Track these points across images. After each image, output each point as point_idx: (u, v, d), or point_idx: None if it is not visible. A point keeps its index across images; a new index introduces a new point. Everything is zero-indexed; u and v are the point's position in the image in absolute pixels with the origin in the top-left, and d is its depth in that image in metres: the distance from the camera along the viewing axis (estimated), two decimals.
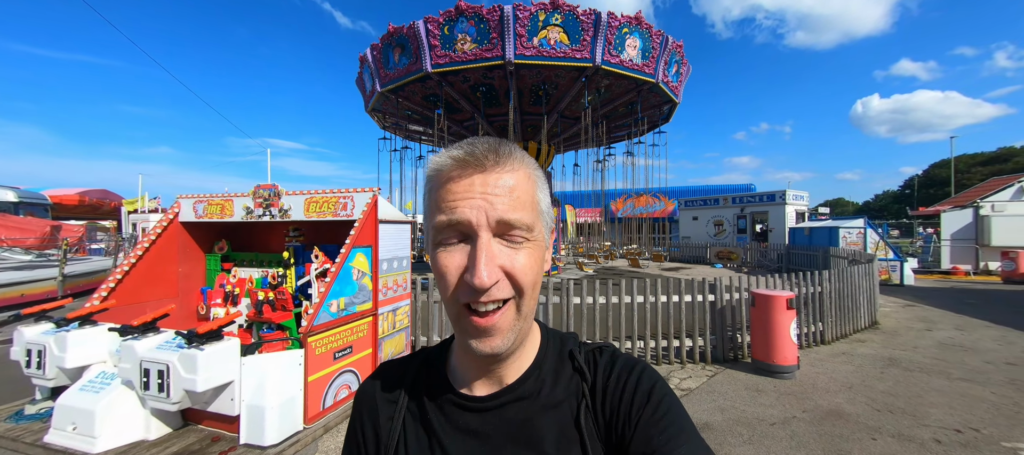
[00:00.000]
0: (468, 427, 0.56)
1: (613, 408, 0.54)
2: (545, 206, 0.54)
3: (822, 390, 4.16)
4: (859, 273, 6.52)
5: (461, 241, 0.49)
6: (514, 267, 0.48)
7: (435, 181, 0.51)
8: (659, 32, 10.26)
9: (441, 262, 0.50)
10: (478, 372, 0.57)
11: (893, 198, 66.02)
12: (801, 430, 3.37)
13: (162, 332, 3.14)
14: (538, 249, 0.52)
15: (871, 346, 5.67)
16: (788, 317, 4.52)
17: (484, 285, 0.46)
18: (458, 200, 0.48)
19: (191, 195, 4.87)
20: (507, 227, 0.48)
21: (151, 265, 4.51)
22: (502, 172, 0.49)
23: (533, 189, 0.52)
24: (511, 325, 0.50)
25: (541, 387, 0.57)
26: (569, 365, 0.59)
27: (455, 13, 9.28)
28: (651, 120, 13.89)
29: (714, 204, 19.86)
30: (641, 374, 0.55)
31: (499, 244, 0.48)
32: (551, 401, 0.56)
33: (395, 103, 11.91)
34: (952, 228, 14.46)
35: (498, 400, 0.56)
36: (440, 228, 0.49)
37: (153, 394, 2.81)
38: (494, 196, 0.48)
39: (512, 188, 0.49)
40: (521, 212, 0.49)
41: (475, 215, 0.47)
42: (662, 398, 0.53)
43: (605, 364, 0.58)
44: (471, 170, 0.49)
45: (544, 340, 0.61)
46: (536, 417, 0.55)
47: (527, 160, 0.53)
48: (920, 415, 3.59)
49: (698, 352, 5.08)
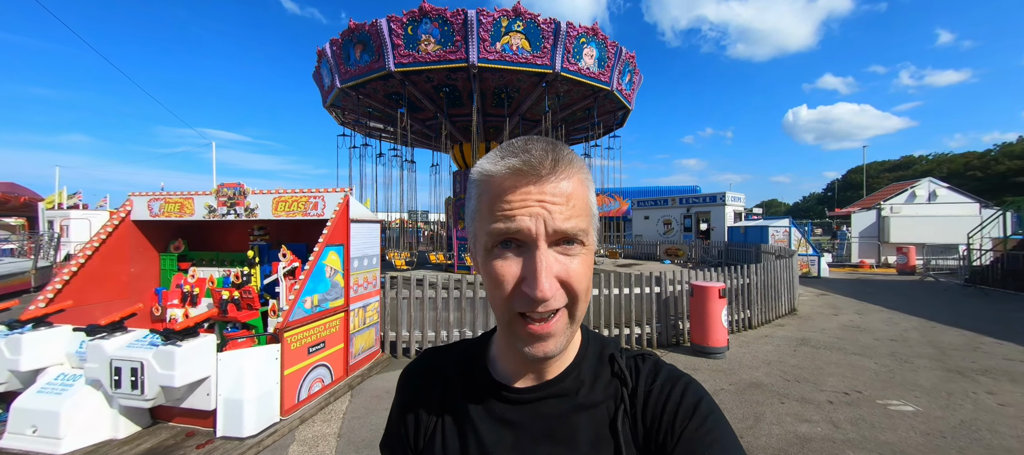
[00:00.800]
0: (504, 417, 0.57)
1: (655, 417, 0.54)
2: (595, 209, 0.54)
3: (746, 367, 4.85)
4: (781, 267, 7.48)
5: (517, 249, 0.49)
6: (569, 275, 0.49)
7: (486, 186, 0.51)
8: (614, 43, 10.94)
9: (496, 270, 0.49)
10: (520, 368, 0.58)
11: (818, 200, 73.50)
12: (727, 399, 3.97)
13: (131, 331, 3.14)
14: (590, 254, 0.52)
15: (788, 329, 6.57)
16: (720, 305, 5.19)
17: (545, 296, 0.46)
18: (515, 209, 0.48)
19: (145, 193, 4.72)
20: (564, 236, 0.49)
21: (100, 265, 4.35)
22: (558, 179, 0.49)
23: (587, 194, 0.52)
24: (564, 330, 0.50)
25: (579, 386, 0.57)
26: (608, 368, 0.59)
27: (419, 14, 9.38)
28: (607, 125, 14.70)
29: (664, 204, 21.27)
30: (687, 386, 0.55)
31: (554, 253, 0.49)
32: (589, 401, 0.56)
33: (355, 100, 11.75)
34: (860, 227, 16.57)
35: (536, 394, 0.57)
36: (496, 236, 0.49)
37: (125, 392, 2.84)
38: (552, 205, 0.48)
39: (569, 196, 0.49)
40: (577, 220, 0.49)
41: (534, 224, 0.47)
42: (709, 413, 0.52)
43: (648, 372, 0.58)
44: (528, 178, 0.48)
45: (584, 341, 0.62)
46: (572, 415, 0.55)
47: (581, 164, 0.53)
48: (820, 383, 4.34)
49: (646, 339, 5.66)
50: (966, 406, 3.76)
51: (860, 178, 42.80)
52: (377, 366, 4.80)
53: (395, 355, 5.27)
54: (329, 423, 3.52)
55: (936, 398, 3.94)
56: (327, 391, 3.92)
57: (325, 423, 3.52)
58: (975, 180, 42.45)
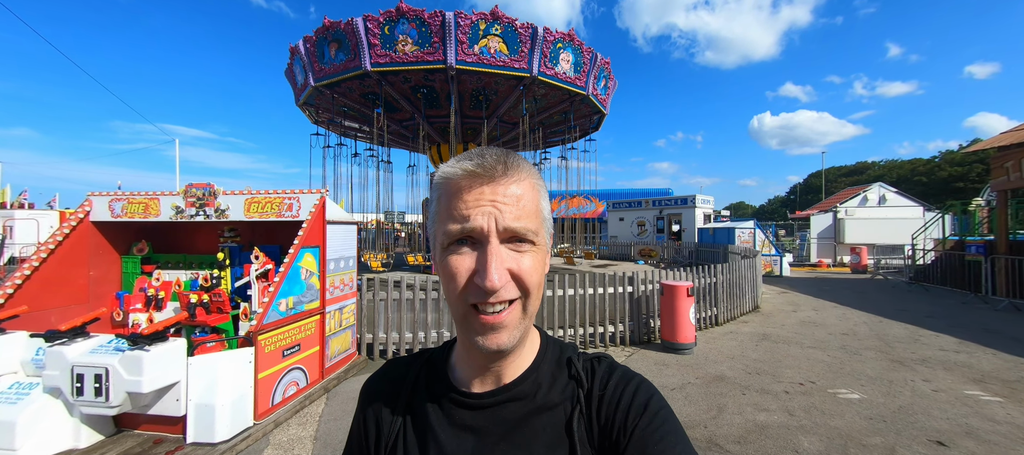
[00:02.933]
0: (464, 423, 0.58)
1: (608, 416, 0.55)
2: (547, 214, 0.57)
3: (712, 361, 5.11)
4: (745, 266, 7.88)
5: (471, 246, 0.52)
6: (520, 269, 0.52)
7: (444, 188, 0.54)
8: (589, 49, 11.21)
9: (451, 265, 0.52)
10: (478, 370, 0.59)
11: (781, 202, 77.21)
12: (693, 392, 4.18)
13: (94, 336, 3.03)
14: (541, 253, 0.55)
15: (751, 326, 6.94)
16: (688, 303, 5.44)
17: (495, 287, 0.49)
18: (470, 208, 0.51)
19: (105, 192, 4.53)
20: (514, 234, 0.52)
21: (57, 269, 4.15)
22: (510, 182, 0.52)
23: (537, 198, 0.55)
24: (516, 323, 0.53)
25: (537, 389, 0.58)
26: (566, 371, 0.61)
27: (396, 14, 9.32)
28: (583, 128, 15.01)
29: (638, 206, 21.87)
30: (639, 386, 0.57)
31: (506, 249, 0.52)
32: (547, 403, 0.57)
33: (330, 99, 11.54)
34: (818, 228, 17.58)
35: (495, 398, 0.58)
36: (452, 234, 0.52)
37: (88, 399, 2.76)
38: (503, 205, 0.51)
39: (519, 197, 0.52)
40: (526, 220, 0.52)
41: (486, 222, 0.51)
42: (658, 410, 0.54)
43: (603, 373, 0.60)
44: (482, 180, 0.52)
45: (543, 344, 0.63)
46: (531, 417, 0.57)
47: (532, 171, 0.56)
48: (778, 375, 4.63)
49: (619, 336, 5.86)
50: (905, 393, 4.11)
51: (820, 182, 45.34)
52: (354, 368, 4.77)
53: (372, 357, 5.24)
54: (305, 426, 3.50)
55: (880, 386, 4.29)
56: (302, 394, 3.88)
57: (301, 426, 3.49)
58: (921, 185, 45.84)
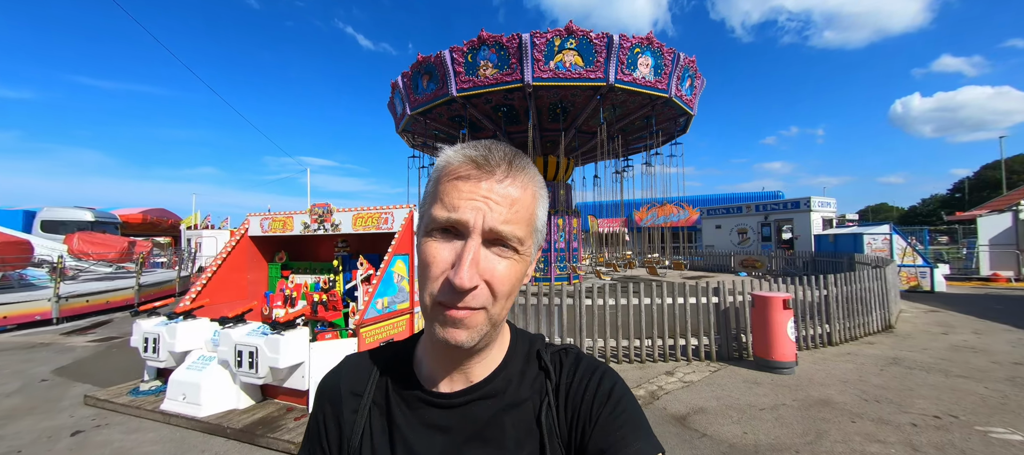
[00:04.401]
0: (433, 423, 0.56)
1: (575, 407, 0.55)
2: (541, 224, 0.55)
3: (817, 384, 4.50)
4: (869, 278, 6.71)
5: (453, 237, 0.50)
6: (494, 275, 0.49)
7: (443, 172, 0.52)
8: (670, 50, 10.74)
9: (430, 252, 0.50)
10: (446, 368, 0.57)
11: (941, 202, 62.10)
12: (787, 414, 3.76)
13: (249, 323, 3.93)
14: (523, 263, 0.53)
15: (879, 348, 5.87)
16: (785, 316, 4.88)
17: (464, 286, 0.47)
18: (462, 200, 0.49)
19: (258, 213, 5.77)
20: (498, 237, 0.49)
21: (226, 273, 5.40)
22: (510, 184, 0.50)
23: (534, 206, 0.53)
24: (479, 326, 0.50)
25: (507, 385, 0.57)
26: (535, 365, 0.60)
27: (478, 42, 10.12)
28: (667, 132, 14.25)
29: (737, 212, 19.76)
30: (603, 375, 0.57)
31: (486, 251, 0.50)
32: (516, 399, 0.57)
33: (423, 124, 12.87)
34: (990, 233, 13.91)
35: (464, 397, 0.56)
36: (437, 221, 0.50)
37: (245, 371, 3.57)
38: (495, 203, 0.49)
39: (514, 201, 0.50)
40: (515, 226, 0.50)
41: (472, 217, 0.48)
42: (620, 398, 0.55)
43: (570, 365, 0.59)
44: (481, 173, 0.50)
45: (513, 340, 0.62)
46: (501, 414, 0.56)
47: (535, 176, 0.54)
48: (905, 405, 3.90)
49: (703, 350, 5.47)
50: None
51: (998, 175, 35.65)
52: None
53: None
54: None
55: None
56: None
57: None
58: None
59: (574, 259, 13.81)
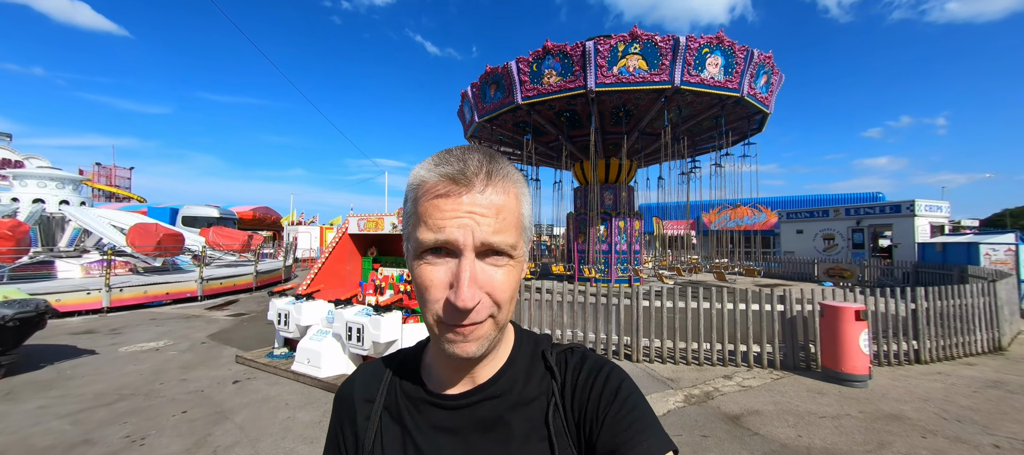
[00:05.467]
0: (441, 424, 0.57)
1: (582, 406, 0.56)
2: (528, 222, 0.55)
3: (891, 399, 4.33)
4: (972, 292, 6.07)
5: (446, 256, 0.50)
6: (494, 285, 0.50)
7: (420, 192, 0.52)
8: (743, 48, 10.33)
9: (425, 276, 0.50)
10: (452, 372, 0.58)
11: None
12: (849, 424, 3.75)
13: (355, 305, 4.82)
14: (519, 266, 0.53)
15: (979, 370, 5.35)
16: (857, 328, 4.73)
17: (467, 306, 0.47)
18: (446, 219, 0.49)
19: (356, 214, 6.81)
20: (491, 248, 0.50)
21: (332, 263, 6.48)
22: (492, 193, 0.50)
23: (518, 206, 0.53)
24: (487, 335, 0.52)
25: (513, 386, 0.58)
26: (541, 365, 0.61)
27: (542, 52, 10.62)
28: (740, 132, 13.59)
29: (823, 216, 17.99)
30: (610, 374, 0.57)
31: (481, 263, 0.50)
32: (522, 399, 0.57)
33: (490, 130, 13.69)
34: None
35: (470, 398, 0.57)
36: (425, 244, 0.50)
37: (353, 343, 4.43)
38: (481, 217, 0.49)
39: (499, 209, 0.50)
40: (505, 234, 0.50)
41: (462, 235, 0.48)
42: (628, 395, 0.55)
43: (575, 364, 0.60)
44: (461, 188, 0.49)
45: (517, 340, 0.62)
46: (507, 414, 0.56)
47: (515, 176, 0.54)
48: (991, 427, 3.67)
49: (767, 358, 5.43)
50: None
51: None
52: None
53: None
54: None
55: None
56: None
57: None
58: None
59: (636, 262, 13.75)
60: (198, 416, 3.88)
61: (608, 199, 13.80)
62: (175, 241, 11.73)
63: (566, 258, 14.90)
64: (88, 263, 10.51)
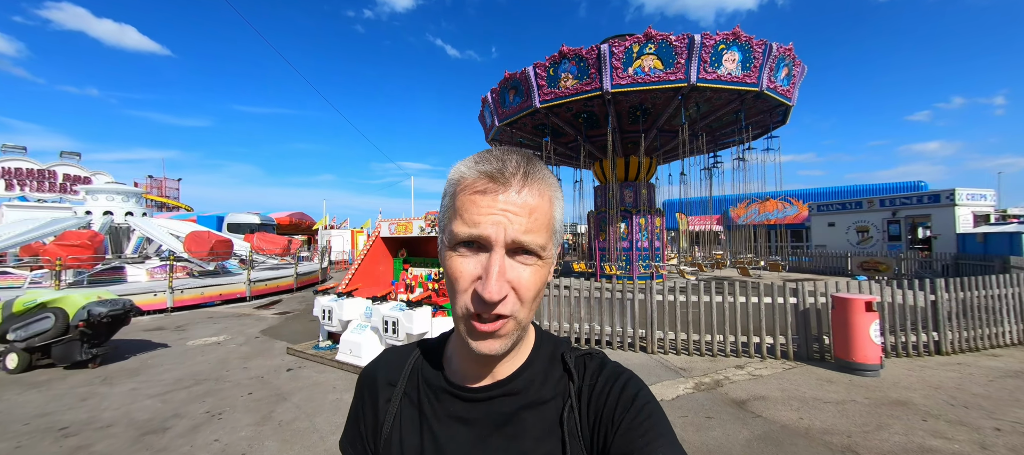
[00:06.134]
0: (458, 414, 0.59)
1: (597, 411, 0.57)
2: (559, 225, 0.57)
3: (900, 387, 4.45)
4: (999, 283, 5.99)
5: (476, 250, 0.52)
6: (520, 283, 0.52)
7: (459, 187, 0.54)
8: (761, 42, 10.30)
9: (456, 267, 0.53)
10: (473, 365, 0.60)
11: None
12: (853, 408, 3.94)
13: (390, 301, 5.36)
14: (546, 266, 0.55)
15: (1003, 361, 5.32)
16: (867, 319, 4.85)
17: (493, 299, 0.49)
18: (481, 215, 0.51)
19: (388, 219, 7.40)
20: (521, 246, 0.51)
21: (367, 264, 7.08)
22: (527, 194, 0.52)
23: (551, 210, 0.55)
24: (511, 332, 0.53)
25: (530, 385, 0.60)
26: (559, 367, 0.62)
27: (559, 57, 10.95)
28: (762, 125, 13.43)
29: (856, 208, 17.37)
30: (627, 381, 0.59)
31: (511, 260, 0.52)
32: (538, 398, 0.59)
33: (510, 134, 14.12)
34: None
35: (489, 393, 0.59)
36: (459, 236, 0.52)
37: (389, 335, 4.96)
38: (514, 215, 0.51)
39: (533, 209, 0.52)
40: (536, 234, 0.52)
41: (494, 231, 0.51)
42: (645, 404, 0.56)
43: (593, 369, 0.61)
44: (498, 187, 0.52)
45: (537, 341, 0.64)
46: (522, 412, 0.58)
47: (550, 180, 0.56)
48: (998, 413, 3.77)
49: (780, 349, 5.60)
50: None
51: None
52: None
53: None
54: None
55: None
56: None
57: None
58: None
59: (658, 258, 13.83)
60: (261, 397, 4.51)
61: (628, 197, 13.96)
62: (225, 247, 12.81)
63: (588, 256, 15.15)
64: (151, 268, 11.70)
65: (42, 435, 3.68)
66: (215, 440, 3.56)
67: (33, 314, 5.40)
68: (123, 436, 3.64)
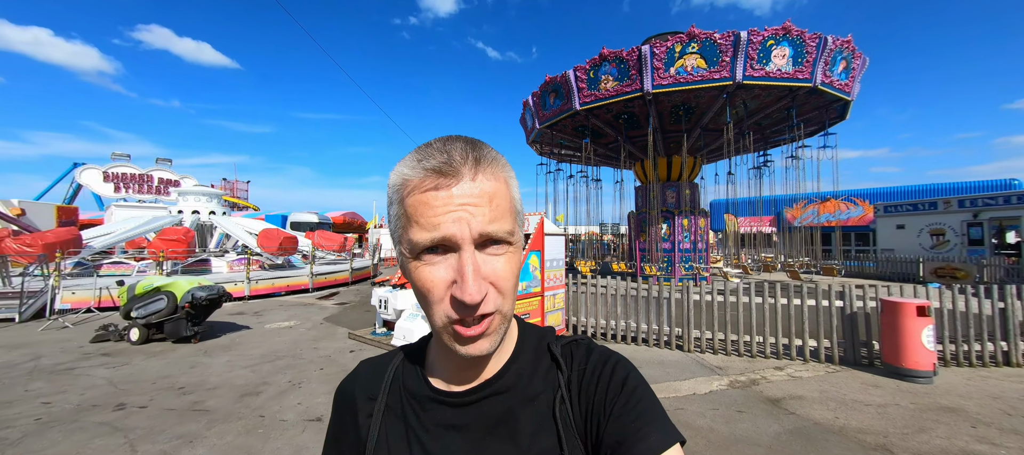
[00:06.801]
0: (448, 422, 0.56)
1: (589, 398, 0.55)
2: (519, 206, 0.55)
3: (954, 395, 4.30)
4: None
5: (443, 252, 0.49)
6: (496, 275, 0.49)
7: (405, 190, 0.50)
8: (814, 35, 9.88)
9: (425, 277, 0.49)
10: (457, 369, 0.58)
11: None
12: (895, 412, 3.90)
13: None
14: (517, 252, 0.53)
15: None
16: (919, 324, 4.69)
17: (475, 300, 0.46)
18: (439, 215, 0.47)
19: None
20: (490, 238, 0.49)
21: None
22: (482, 180, 0.49)
23: (509, 191, 0.52)
24: (498, 328, 0.51)
25: (519, 380, 0.57)
26: (546, 358, 0.60)
27: (599, 60, 11.11)
28: (818, 121, 12.75)
29: (930, 209, 15.85)
30: (616, 365, 0.57)
31: (482, 254, 0.49)
32: (529, 394, 0.57)
33: (550, 136, 14.42)
34: None
35: (477, 394, 0.56)
36: (420, 244, 0.48)
37: None
38: (475, 207, 0.48)
39: (492, 196, 0.49)
40: (501, 221, 0.50)
41: (458, 229, 0.47)
42: (635, 387, 0.54)
43: (581, 357, 0.59)
44: (449, 180, 0.48)
45: (521, 334, 0.62)
46: (514, 409, 0.56)
47: (501, 160, 0.53)
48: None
49: (824, 353, 5.50)
50: None
51: None
52: None
53: (575, 335, 6.99)
54: None
55: None
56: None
57: None
58: None
59: (701, 260, 13.53)
60: (331, 372, 5.20)
61: (670, 197, 13.78)
62: (292, 243, 14.21)
63: (628, 256, 15.11)
64: (231, 261, 13.25)
65: (167, 392, 4.55)
66: (298, 403, 4.24)
67: (150, 296, 6.51)
68: (227, 396, 4.42)
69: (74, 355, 5.98)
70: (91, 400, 4.32)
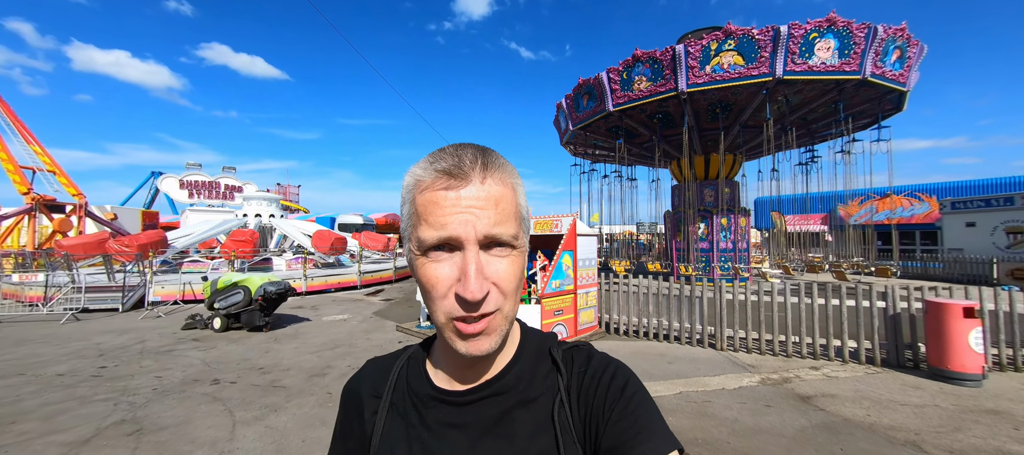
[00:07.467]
0: (448, 421, 0.58)
1: (588, 404, 0.56)
2: (525, 212, 0.56)
3: (1002, 398, 4.17)
4: None
5: (448, 252, 0.51)
6: (499, 276, 0.51)
7: (418, 190, 0.52)
8: (863, 25, 9.46)
9: (430, 273, 0.51)
10: (459, 369, 0.59)
11: None
12: (933, 412, 3.88)
13: None
14: (521, 255, 0.54)
15: None
16: (966, 325, 4.56)
17: (476, 297, 0.48)
18: (447, 215, 0.50)
19: None
20: (494, 240, 0.51)
21: None
22: (490, 185, 0.51)
23: (515, 197, 0.54)
24: (498, 328, 0.52)
25: (519, 383, 0.58)
26: (547, 362, 0.61)
27: (632, 61, 11.18)
28: (870, 114, 12.08)
29: (1005, 205, 14.42)
30: (615, 371, 0.58)
31: (485, 255, 0.51)
32: (528, 396, 0.58)
33: (583, 137, 14.59)
34: None
35: (477, 394, 0.58)
36: (427, 242, 0.50)
37: None
38: (481, 210, 0.50)
39: (498, 200, 0.51)
40: (506, 225, 0.51)
41: (464, 230, 0.49)
42: (634, 393, 0.55)
43: (581, 362, 0.60)
44: (458, 183, 0.50)
45: (523, 337, 0.63)
46: (513, 411, 0.57)
47: (509, 167, 0.55)
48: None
49: (864, 354, 5.41)
50: None
51: None
52: (594, 336, 6.88)
53: (608, 331, 7.22)
54: None
55: None
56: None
57: None
58: None
59: (742, 260, 13.19)
60: None
61: (708, 196, 13.54)
62: (342, 243, 15.33)
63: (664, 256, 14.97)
64: (289, 260, 14.53)
65: (249, 371, 5.31)
66: None
67: (230, 290, 7.46)
68: (299, 376, 5.11)
69: (171, 340, 7.01)
70: (192, 376, 5.15)
